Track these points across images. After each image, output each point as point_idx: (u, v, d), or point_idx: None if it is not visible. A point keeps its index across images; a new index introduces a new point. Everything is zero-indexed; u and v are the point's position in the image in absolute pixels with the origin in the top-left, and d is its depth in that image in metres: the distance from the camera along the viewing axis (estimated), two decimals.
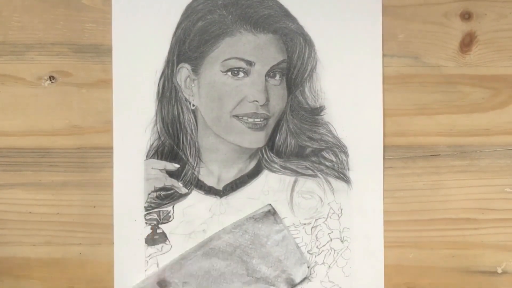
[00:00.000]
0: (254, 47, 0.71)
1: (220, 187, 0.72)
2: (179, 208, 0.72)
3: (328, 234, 0.73)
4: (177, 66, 0.71)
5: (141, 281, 0.71)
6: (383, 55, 0.73)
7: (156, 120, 0.72)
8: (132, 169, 0.72)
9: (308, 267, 0.72)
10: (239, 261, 0.71)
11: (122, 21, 0.71)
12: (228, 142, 0.72)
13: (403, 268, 0.73)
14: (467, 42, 0.73)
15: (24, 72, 0.72)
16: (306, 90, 0.72)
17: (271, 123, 0.72)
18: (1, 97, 0.72)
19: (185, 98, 0.72)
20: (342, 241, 0.73)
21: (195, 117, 0.72)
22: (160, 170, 0.72)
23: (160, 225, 0.72)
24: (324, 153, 0.73)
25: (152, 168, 0.72)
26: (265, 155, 0.72)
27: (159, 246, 0.72)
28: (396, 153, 0.73)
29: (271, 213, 0.71)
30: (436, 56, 0.73)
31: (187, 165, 0.72)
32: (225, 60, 0.71)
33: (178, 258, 0.71)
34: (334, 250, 0.73)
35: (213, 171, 0.72)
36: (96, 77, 0.72)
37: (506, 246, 0.73)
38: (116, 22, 0.71)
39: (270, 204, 0.72)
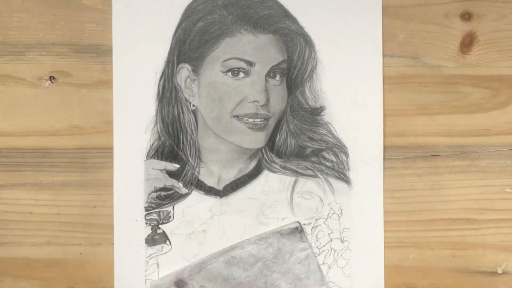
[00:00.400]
0: (254, 48, 0.71)
1: (220, 187, 0.72)
2: (179, 208, 0.72)
3: (328, 234, 0.73)
4: (177, 66, 0.71)
5: (159, 278, 0.71)
6: (383, 55, 0.73)
7: (156, 120, 0.72)
8: (132, 169, 0.72)
9: None
10: (259, 273, 0.71)
11: (122, 21, 0.71)
12: (228, 142, 0.72)
13: (403, 268, 0.73)
14: (467, 42, 0.73)
15: (24, 72, 0.72)
16: (306, 90, 0.72)
17: (271, 123, 0.72)
18: (1, 97, 0.72)
19: (185, 98, 0.72)
20: (342, 241, 0.73)
21: (195, 117, 0.72)
22: (160, 170, 0.72)
23: (160, 225, 0.72)
24: (324, 153, 0.73)
25: (152, 168, 0.72)
26: (265, 156, 0.72)
27: (159, 246, 0.72)
28: (396, 153, 0.73)
29: (298, 231, 0.71)
30: (436, 56, 0.73)
31: (187, 165, 0.72)
32: (225, 60, 0.71)
33: (198, 261, 0.71)
34: (334, 250, 0.73)
35: (213, 172, 0.72)
36: (96, 77, 0.72)
37: (506, 246, 0.73)
38: (116, 22, 0.71)
39: (298, 222, 0.72)
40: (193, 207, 0.72)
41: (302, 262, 0.71)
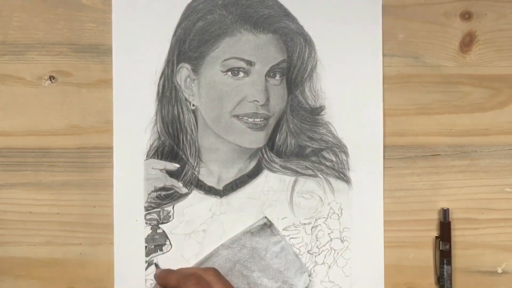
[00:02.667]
0: (254, 47, 0.71)
1: (220, 187, 0.72)
2: (179, 208, 0.72)
3: (328, 234, 0.73)
4: (177, 66, 0.71)
5: None
6: (383, 55, 0.73)
7: (156, 120, 0.72)
8: (132, 169, 0.72)
9: (309, 275, 0.72)
10: (240, 275, 0.71)
11: (122, 21, 0.71)
12: (228, 142, 0.72)
13: (403, 268, 0.73)
14: (467, 42, 0.73)
15: (24, 72, 0.71)
16: (306, 90, 0.72)
17: (271, 123, 0.72)
18: (1, 97, 0.72)
19: (185, 98, 0.72)
20: (342, 241, 0.73)
21: (195, 117, 0.72)
22: (160, 170, 0.72)
23: (160, 225, 0.72)
24: (324, 153, 0.73)
25: (152, 168, 0.72)
26: (265, 155, 0.72)
27: (159, 246, 0.72)
28: (396, 153, 0.73)
29: (267, 226, 0.71)
30: (436, 56, 0.73)
31: (187, 165, 0.72)
32: (225, 60, 0.71)
33: None
34: (334, 250, 0.73)
35: (213, 171, 0.72)
36: (96, 77, 0.72)
37: (506, 246, 0.73)
38: (116, 22, 0.71)
39: (265, 217, 0.72)
40: (193, 207, 0.72)
41: (278, 255, 0.71)
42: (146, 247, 0.72)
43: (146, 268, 0.72)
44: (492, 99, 0.73)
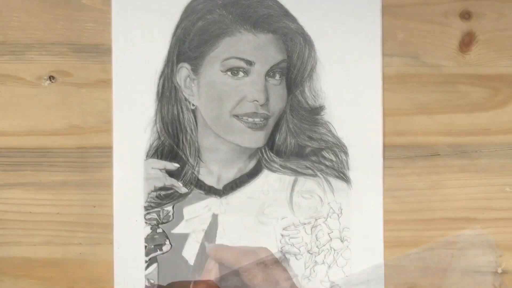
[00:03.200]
0: (254, 47, 0.71)
1: (220, 186, 0.72)
2: (179, 208, 0.72)
3: (328, 233, 0.73)
4: (177, 65, 0.72)
5: None
6: (383, 55, 0.73)
7: (156, 120, 0.72)
8: (132, 169, 0.72)
9: (309, 275, 0.72)
10: None
11: (122, 21, 0.72)
12: (228, 141, 0.72)
13: (403, 268, 0.73)
14: (467, 42, 0.73)
15: (24, 72, 0.72)
16: (306, 89, 0.72)
17: (271, 122, 0.72)
18: (1, 97, 0.72)
19: (185, 98, 0.72)
20: (342, 241, 0.73)
21: (195, 117, 0.72)
22: (160, 169, 0.72)
23: (160, 225, 0.72)
24: (324, 153, 0.73)
25: (152, 168, 0.72)
26: (265, 155, 0.72)
27: (159, 246, 0.72)
28: (396, 153, 0.73)
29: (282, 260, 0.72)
30: (436, 56, 0.73)
31: (187, 165, 0.72)
32: (225, 59, 0.71)
33: None
34: (334, 249, 0.73)
35: (213, 171, 0.72)
36: (96, 77, 0.72)
37: (506, 246, 0.73)
38: (116, 22, 0.72)
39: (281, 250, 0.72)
40: (193, 207, 0.72)
41: None
42: (146, 247, 0.72)
43: (146, 268, 0.72)
44: (492, 99, 0.73)
